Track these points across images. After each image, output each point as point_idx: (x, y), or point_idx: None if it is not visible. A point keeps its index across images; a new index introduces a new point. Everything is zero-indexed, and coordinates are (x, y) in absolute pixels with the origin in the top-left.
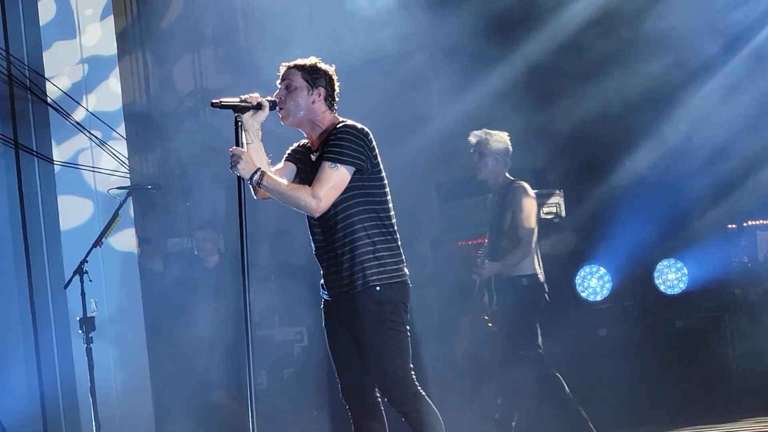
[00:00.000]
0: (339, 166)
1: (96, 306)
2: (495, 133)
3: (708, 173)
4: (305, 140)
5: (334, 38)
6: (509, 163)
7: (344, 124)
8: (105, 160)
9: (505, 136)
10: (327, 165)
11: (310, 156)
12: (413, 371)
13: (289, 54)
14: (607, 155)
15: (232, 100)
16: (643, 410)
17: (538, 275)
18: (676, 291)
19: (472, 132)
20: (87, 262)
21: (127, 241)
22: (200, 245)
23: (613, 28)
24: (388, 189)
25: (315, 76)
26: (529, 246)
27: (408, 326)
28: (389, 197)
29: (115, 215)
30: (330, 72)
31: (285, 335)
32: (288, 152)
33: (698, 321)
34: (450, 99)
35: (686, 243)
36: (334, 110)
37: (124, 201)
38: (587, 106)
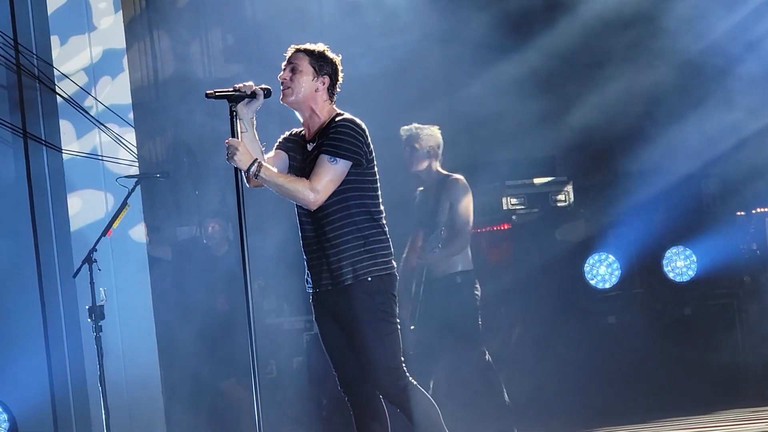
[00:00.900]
0: (338, 160)
1: (105, 295)
2: (426, 128)
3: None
4: (297, 129)
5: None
6: (441, 157)
7: (344, 118)
8: (113, 149)
9: (437, 130)
10: (326, 158)
11: (305, 146)
12: (404, 362)
13: (299, 41)
14: (617, 143)
15: (226, 90)
16: (652, 397)
17: (471, 271)
18: (685, 278)
19: (402, 127)
20: (96, 251)
21: (136, 230)
22: (209, 234)
23: (627, 20)
24: (379, 184)
25: (321, 63)
26: (467, 237)
27: (398, 318)
28: (380, 192)
29: (124, 204)
30: (336, 62)
31: (294, 324)
32: (279, 141)
33: (707, 308)
34: (458, 89)
35: (695, 230)
36: (333, 101)
37: (133, 190)
38: (598, 95)
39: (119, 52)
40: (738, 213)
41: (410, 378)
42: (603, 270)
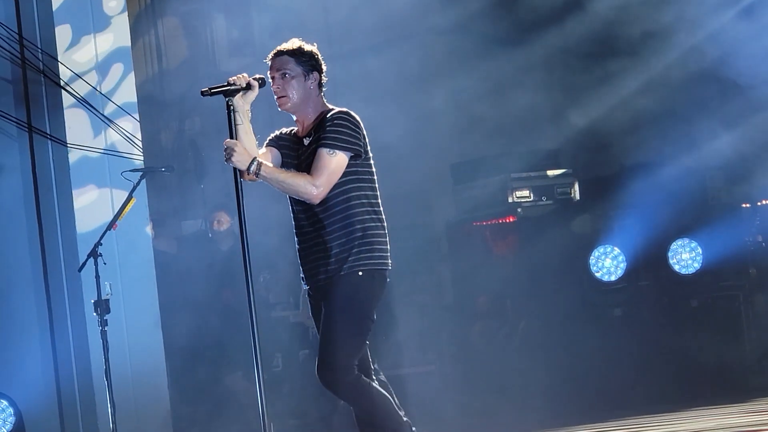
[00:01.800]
0: (337, 152)
1: (110, 289)
2: None
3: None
4: (287, 129)
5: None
6: None
7: (339, 110)
8: (119, 143)
9: None
10: (325, 151)
11: (299, 142)
12: (357, 365)
13: (303, 34)
14: (622, 136)
15: (221, 86)
16: (658, 389)
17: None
18: (691, 270)
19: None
20: (101, 245)
21: (141, 224)
22: (214, 228)
23: (635, 13)
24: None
25: (306, 61)
26: None
27: (374, 320)
28: (377, 184)
29: (129, 198)
30: (317, 54)
31: (300, 317)
32: (270, 138)
33: (713, 300)
34: (465, 81)
35: (700, 222)
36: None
37: (138, 183)
38: (603, 87)
39: (125, 47)
40: (743, 205)
41: (358, 374)
42: (608, 262)
